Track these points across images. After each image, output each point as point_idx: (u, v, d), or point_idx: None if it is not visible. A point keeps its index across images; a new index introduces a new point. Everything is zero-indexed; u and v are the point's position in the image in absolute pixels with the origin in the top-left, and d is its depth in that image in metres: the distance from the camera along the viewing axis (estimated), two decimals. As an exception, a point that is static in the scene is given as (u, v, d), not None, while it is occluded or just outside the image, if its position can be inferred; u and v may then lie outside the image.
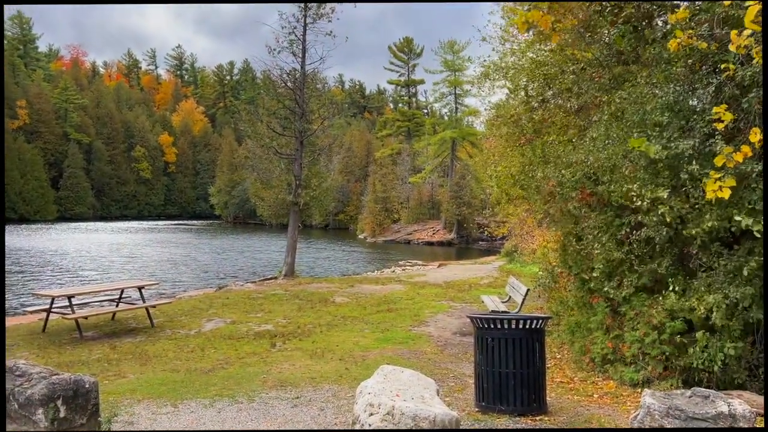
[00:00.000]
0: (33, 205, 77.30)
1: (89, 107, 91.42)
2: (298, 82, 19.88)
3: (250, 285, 18.57)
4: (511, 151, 10.58)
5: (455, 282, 18.85)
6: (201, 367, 8.37)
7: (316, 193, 20.19)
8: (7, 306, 17.67)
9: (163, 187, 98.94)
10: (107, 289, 12.00)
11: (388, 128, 71.57)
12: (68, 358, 9.09)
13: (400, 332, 10.87)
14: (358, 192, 65.73)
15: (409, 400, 4.49)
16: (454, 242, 48.54)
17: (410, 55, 72.30)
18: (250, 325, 11.62)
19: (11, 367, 5.19)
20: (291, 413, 6.11)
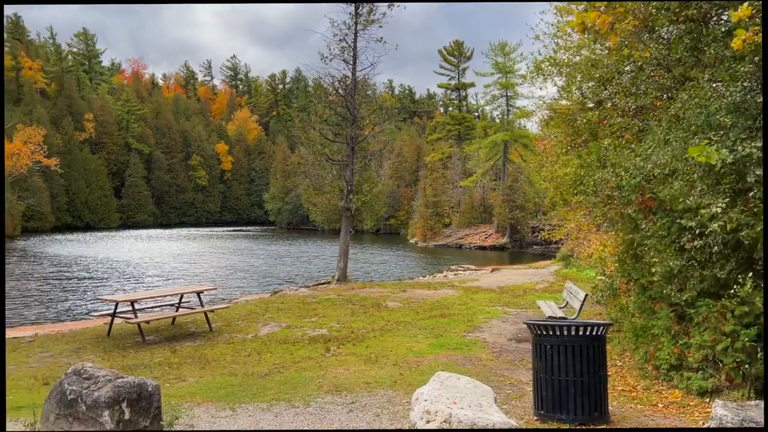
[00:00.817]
0: (97, 213, 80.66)
1: (149, 118, 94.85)
2: (349, 89, 20.05)
3: (304, 290, 18.82)
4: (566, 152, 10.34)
5: (509, 287, 18.57)
6: (258, 371, 8.51)
7: (367, 198, 20.29)
8: (75, 310, 18.47)
9: (219, 194, 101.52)
10: (168, 294, 12.37)
11: (439, 132, 71.27)
12: (131, 361, 9.40)
13: (453, 338, 10.76)
14: (409, 196, 65.71)
15: (466, 407, 4.43)
16: (507, 246, 47.87)
17: (460, 58, 71.84)
18: (304, 329, 11.74)
19: (79, 370, 5.39)
20: (347, 418, 6.12)
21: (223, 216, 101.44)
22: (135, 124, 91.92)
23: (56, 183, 71.99)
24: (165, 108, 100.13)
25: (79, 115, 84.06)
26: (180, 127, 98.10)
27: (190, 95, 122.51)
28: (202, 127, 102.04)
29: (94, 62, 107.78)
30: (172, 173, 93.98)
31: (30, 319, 16.97)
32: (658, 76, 8.06)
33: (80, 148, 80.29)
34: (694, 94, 6.88)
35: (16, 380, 8.17)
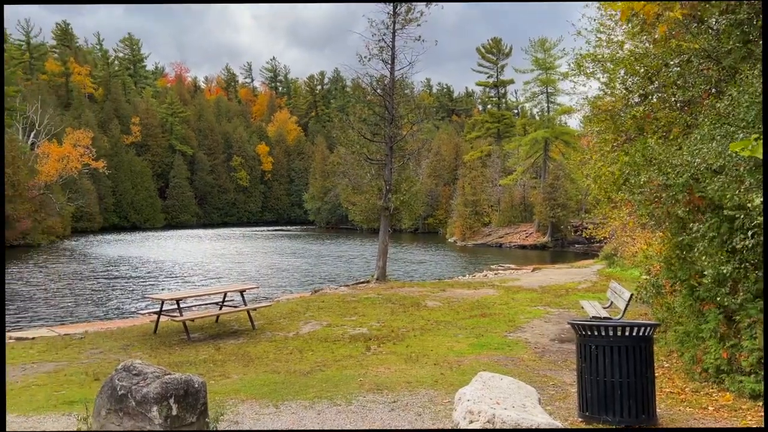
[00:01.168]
0: (143, 213, 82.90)
1: (192, 120, 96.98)
2: (388, 88, 20.08)
3: (344, 288, 18.93)
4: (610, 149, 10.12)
5: (551, 286, 18.30)
6: (300, 369, 8.60)
7: (405, 197, 20.28)
8: (123, 308, 19.01)
9: (260, 194, 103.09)
10: (212, 293, 12.60)
11: (477, 130, 70.71)
12: (177, 358, 9.62)
13: (495, 338, 10.67)
14: (447, 195, 65.40)
15: (510, 408, 4.38)
16: (549, 245, 47.17)
17: (499, 55, 71.10)
18: (345, 328, 11.81)
19: (128, 366, 5.54)
20: (389, 417, 6.13)
21: (264, 216, 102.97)
22: (178, 126, 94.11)
23: (104, 185, 74.29)
24: (207, 110, 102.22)
25: (126, 118, 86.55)
26: (222, 129, 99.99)
27: (231, 97, 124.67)
28: (243, 128, 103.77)
29: (139, 66, 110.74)
30: (215, 174, 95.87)
31: (81, 317, 17.54)
32: (707, 68, 7.81)
33: (126, 150, 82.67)
34: (743, 90, 6.64)
35: (68, 376, 8.46)
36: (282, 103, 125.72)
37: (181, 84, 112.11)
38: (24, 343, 11.22)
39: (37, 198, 49.29)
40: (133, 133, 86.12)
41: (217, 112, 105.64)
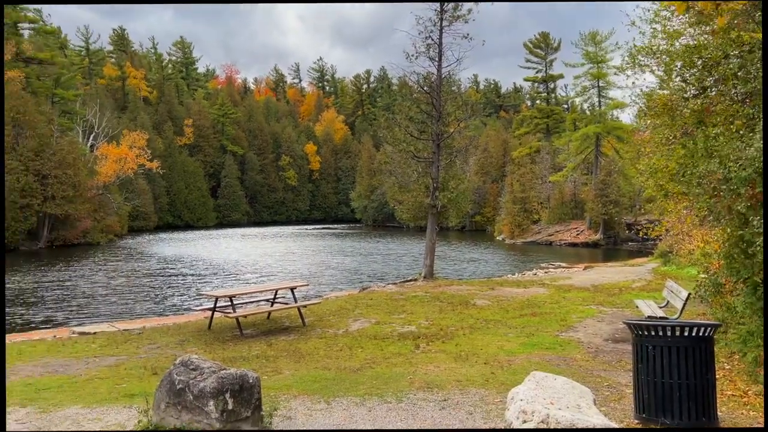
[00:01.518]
0: (196, 212, 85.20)
1: (242, 121, 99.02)
2: (435, 86, 20.00)
3: (392, 286, 18.97)
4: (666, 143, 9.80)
5: (604, 285, 17.88)
6: (350, 366, 8.67)
7: (453, 195, 20.16)
8: (179, 305, 19.58)
9: (308, 193, 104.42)
10: (263, 290, 12.83)
11: (526, 126, 69.67)
12: (231, 353, 9.84)
13: (546, 337, 10.50)
14: (495, 193, 64.70)
15: (564, 408, 4.31)
16: (601, 243, 46.08)
17: (547, 50, 69.87)
18: (393, 326, 11.85)
19: (186, 361, 5.72)
20: (439, 415, 6.12)
21: (312, 214, 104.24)
22: (229, 127, 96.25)
23: (158, 185, 76.67)
24: (257, 111, 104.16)
25: (179, 120, 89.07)
26: (271, 129, 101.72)
27: (280, 98, 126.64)
28: (291, 128, 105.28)
29: (191, 69, 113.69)
30: (264, 173, 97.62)
31: (139, 313, 18.16)
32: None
33: (180, 151, 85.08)
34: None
35: (128, 369, 8.77)
36: (329, 103, 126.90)
37: (232, 86, 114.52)
38: (86, 338, 11.69)
39: (96, 198, 51.25)
40: (185, 134, 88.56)
41: (266, 113, 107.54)
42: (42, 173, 43.70)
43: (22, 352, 10.13)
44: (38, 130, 44.03)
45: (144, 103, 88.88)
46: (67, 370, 8.85)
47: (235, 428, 5.28)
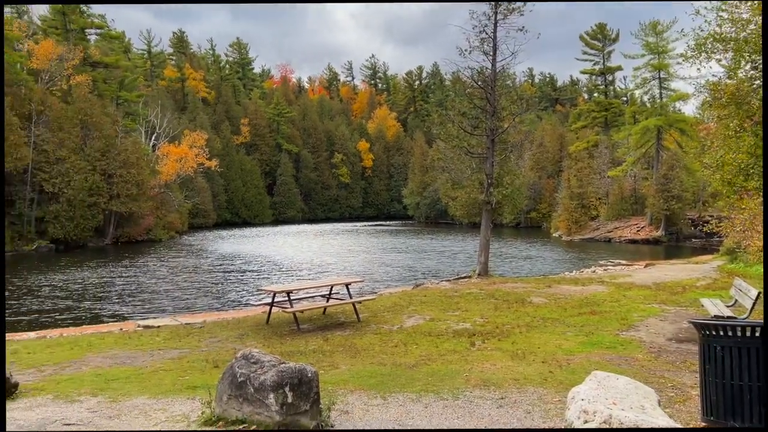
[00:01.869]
0: (253, 210, 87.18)
1: (296, 120, 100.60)
2: (489, 80, 19.75)
3: (445, 283, 18.89)
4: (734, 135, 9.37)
5: (666, 283, 17.28)
6: (405, 362, 8.69)
7: (508, 191, 19.88)
8: (238, 300, 20.09)
9: (361, 190, 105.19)
10: (319, 285, 13.01)
11: (583, 120, 68.00)
12: (288, 348, 10.02)
13: (606, 336, 10.23)
14: (551, 188, 63.46)
15: (627, 409, 4.19)
16: (662, 240, 44.53)
17: (604, 41, 67.89)
18: (448, 323, 11.79)
19: (247, 355, 5.86)
20: (497, 414, 6.06)
21: (365, 211, 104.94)
22: (284, 126, 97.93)
23: (217, 183, 78.78)
24: (310, 109, 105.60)
25: (236, 119, 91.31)
26: (324, 127, 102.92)
27: (333, 96, 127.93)
28: (344, 126, 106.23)
29: (247, 69, 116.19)
30: (318, 171, 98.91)
31: (200, 307, 18.73)
32: None
33: (237, 150, 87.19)
34: None
35: (190, 362, 9.05)
36: (381, 100, 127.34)
37: (287, 85, 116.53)
38: (151, 331, 12.15)
39: (158, 196, 53.11)
40: (242, 133, 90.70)
41: (320, 111, 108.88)
42: (108, 172, 45.61)
43: (92, 344, 10.61)
44: (104, 131, 45.98)
45: (203, 104, 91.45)
46: (134, 361, 9.22)
47: (294, 421, 5.38)
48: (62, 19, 55.70)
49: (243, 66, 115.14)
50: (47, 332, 13.51)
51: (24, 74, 45.78)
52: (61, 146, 43.47)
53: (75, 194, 42.94)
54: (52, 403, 6.75)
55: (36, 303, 20.19)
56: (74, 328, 14.89)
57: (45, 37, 51.05)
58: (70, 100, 47.79)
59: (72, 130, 44.44)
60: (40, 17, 58.72)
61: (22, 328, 15.52)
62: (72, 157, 43.60)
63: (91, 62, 53.76)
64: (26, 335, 13.08)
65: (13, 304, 19.93)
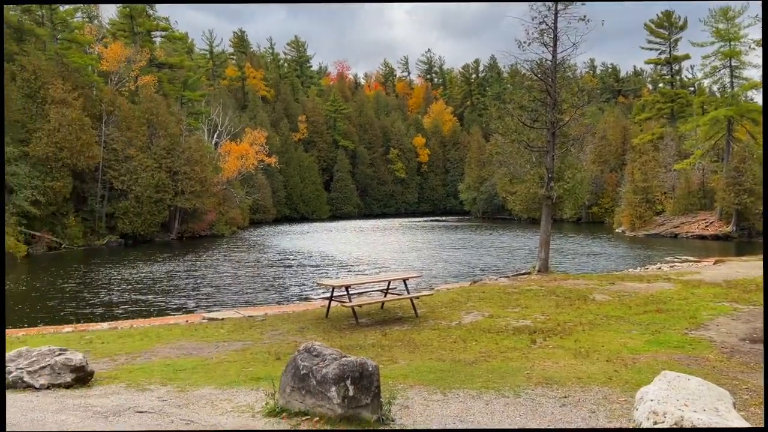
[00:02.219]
0: (311, 205, 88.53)
1: (353, 116, 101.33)
2: (549, 72, 19.32)
3: (504, 280, 18.65)
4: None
5: (738, 281, 16.48)
6: (464, 358, 8.64)
7: (569, 185, 19.42)
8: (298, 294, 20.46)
9: (416, 185, 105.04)
10: (377, 280, 13.08)
11: (648, 111, 65.65)
12: (347, 341, 10.13)
13: (674, 335, 9.87)
14: (614, 182, 61.59)
15: (700, 411, 4.03)
16: (733, 235, 42.52)
17: (670, 29, 65.29)
18: (507, 319, 11.65)
19: (309, 348, 5.96)
20: (560, 412, 5.95)
21: (421, 206, 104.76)
22: (341, 122, 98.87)
23: (276, 180, 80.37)
24: (367, 105, 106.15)
25: (294, 116, 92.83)
26: (380, 123, 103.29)
27: (389, 92, 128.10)
28: (400, 121, 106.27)
29: (305, 67, 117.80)
30: (374, 167, 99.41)
31: (261, 301, 19.19)
32: None
33: (295, 147, 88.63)
34: None
35: (253, 354, 9.28)
36: (437, 95, 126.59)
37: (343, 81, 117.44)
38: (215, 323, 12.53)
39: (221, 192, 54.65)
40: (300, 130, 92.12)
41: (376, 107, 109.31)
42: (173, 170, 47.26)
43: (161, 335, 11.04)
44: (169, 130, 47.65)
45: (262, 102, 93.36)
46: (200, 353, 9.53)
47: (355, 414, 5.44)
48: (130, 22, 58.00)
49: (301, 64, 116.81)
50: (119, 323, 14.15)
51: (95, 76, 47.95)
52: (129, 145, 45.34)
53: (142, 191, 44.72)
54: (125, 391, 7.07)
55: (108, 295, 21.18)
56: (143, 319, 15.54)
57: (114, 40, 53.26)
58: (137, 100, 49.75)
59: (139, 129, 46.27)
60: (109, 21, 61.37)
61: (96, 319, 16.31)
62: (139, 155, 45.40)
63: (156, 63, 55.78)
64: (99, 326, 13.74)
65: (86, 297, 20.97)
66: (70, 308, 18.74)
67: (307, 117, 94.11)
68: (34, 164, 38.68)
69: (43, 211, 38.57)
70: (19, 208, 36.48)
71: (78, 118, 40.49)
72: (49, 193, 38.82)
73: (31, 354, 7.37)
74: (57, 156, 39.28)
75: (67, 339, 10.91)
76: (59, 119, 39.43)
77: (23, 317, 17.38)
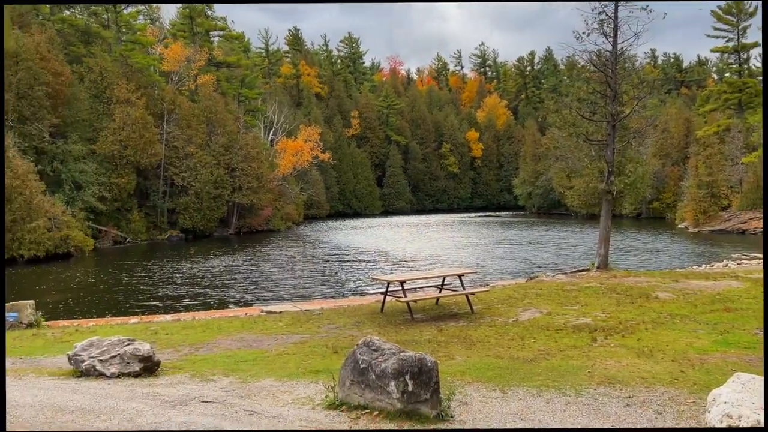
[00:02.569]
0: (363, 201, 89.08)
1: (405, 111, 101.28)
2: (610, 63, 18.77)
3: (562, 276, 18.29)
4: None
5: (814, 280, 15.63)
6: (523, 356, 8.52)
7: (630, 179, 18.84)
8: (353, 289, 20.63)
9: (469, 180, 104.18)
10: (432, 276, 13.06)
11: (713, 102, 62.82)
12: (403, 336, 10.15)
13: (743, 335, 9.45)
14: (676, 176, 59.38)
15: (778, 416, 3.85)
16: (806, 232, 40.28)
17: (739, 16, 62.24)
18: (566, 317, 11.41)
19: (368, 342, 5.99)
20: (624, 413, 5.79)
21: (474, 202, 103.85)
22: (393, 117, 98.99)
23: (329, 175, 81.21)
24: (419, 100, 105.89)
25: (346, 113, 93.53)
26: (433, 118, 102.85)
27: (442, 86, 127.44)
28: (453, 116, 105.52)
29: (358, 63, 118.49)
30: (426, 162, 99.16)
31: (318, 295, 19.46)
32: None
33: (348, 143, 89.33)
34: None
35: (311, 347, 9.42)
36: (491, 88, 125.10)
37: (395, 77, 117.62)
38: (273, 317, 12.80)
39: (277, 188, 55.68)
40: (353, 126, 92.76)
41: (428, 102, 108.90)
42: (231, 166, 48.47)
43: (222, 328, 11.35)
44: (227, 128, 48.86)
45: (316, 99, 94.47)
46: (260, 345, 9.75)
47: (414, 410, 5.44)
48: (189, 22, 59.71)
49: (354, 60, 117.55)
50: (181, 315, 14.64)
51: (157, 76, 49.62)
52: (189, 142, 46.74)
53: (202, 187, 46.04)
54: (190, 381, 7.30)
55: (170, 288, 21.94)
56: (204, 311, 16.02)
57: (174, 41, 54.96)
58: (196, 98, 51.21)
59: (198, 127, 47.63)
60: (170, 22, 63.37)
61: (159, 311, 16.93)
62: (199, 152, 46.76)
63: (215, 62, 57.24)
64: (163, 317, 14.25)
65: (150, 289, 21.78)
66: (134, 300, 19.52)
67: (359, 113, 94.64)
68: (100, 161, 40.43)
69: (108, 206, 40.30)
70: (87, 203, 38.23)
71: (141, 117, 42.03)
72: (114, 190, 40.52)
73: (102, 344, 7.70)
74: (122, 153, 40.91)
75: (134, 330, 11.36)
76: (124, 118, 41.03)
77: (92, 308, 18.22)
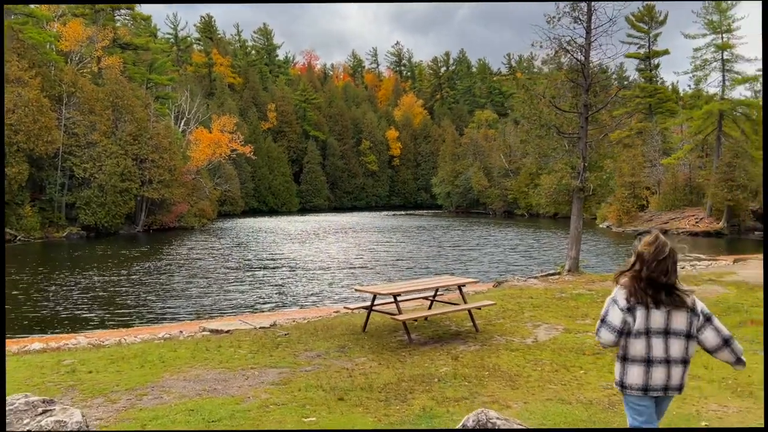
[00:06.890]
0: (280, 198, 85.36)
1: (323, 106, 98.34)
2: (583, 50, 17.38)
3: (535, 281, 16.67)
4: None
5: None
6: (590, 398, 6.52)
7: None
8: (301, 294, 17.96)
9: (387, 179, 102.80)
10: (423, 288, 10.71)
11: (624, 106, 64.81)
12: (412, 369, 7.86)
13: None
14: (593, 177, 60.59)
15: None
16: (723, 232, 41.72)
17: (651, 23, 64.57)
18: (589, 334, 9.58)
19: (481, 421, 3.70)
20: None
21: (391, 200, 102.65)
22: (311, 112, 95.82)
23: (244, 170, 76.95)
24: (336, 96, 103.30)
25: (262, 105, 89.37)
26: (351, 115, 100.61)
27: (358, 83, 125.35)
28: (372, 113, 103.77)
29: (273, 56, 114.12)
30: (345, 159, 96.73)
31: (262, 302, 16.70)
32: None
33: (264, 136, 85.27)
34: None
35: (302, 391, 6.92)
36: (407, 87, 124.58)
37: (312, 71, 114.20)
38: (225, 339, 10.08)
39: (190, 183, 51.35)
40: (269, 119, 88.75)
41: (345, 98, 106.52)
42: (139, 157, 43.89)
43: (165, 360, 8.55)
44: (135, 115, 44.18)
45: (230, 90, 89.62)
46: (227, 388, 7.13)
47: None
48: (90, -1, 53.95)
49: (269, 52, 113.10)
50: (100, 336, 11.57)
51: (54, 54, 44.07)
52: (92, 130, 41.77)
53: (106, 179, 41.26)
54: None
55: (77, 298, 18.30)
56: (127, 330, 12.98)
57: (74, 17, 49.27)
58: (100, 82, 46.08)
59: (103, 113, 42.69)
60: (67, -3, 57.03)
61: (66, 329, 13.64)
62: (103, 140, 41.89)
63: (120, 44, 52.03)
64: (75, 339, 11.12)
65: (51, 300, 18.07)
66: (31, 315, 15.89)
67: (276, 106, 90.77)
68: (-16, 148, 34.95)
69: (-6, 200, 34.90)
70: (-33, 196, 32.81)
71: (36, 99, 36.82)
72: (1, 181, 35.14)
73: (-1, 410, 4.87)
74: (11, 140, 35.63)
75: (41, 365, 8.32)
76: (14, 99, 35.75)
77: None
